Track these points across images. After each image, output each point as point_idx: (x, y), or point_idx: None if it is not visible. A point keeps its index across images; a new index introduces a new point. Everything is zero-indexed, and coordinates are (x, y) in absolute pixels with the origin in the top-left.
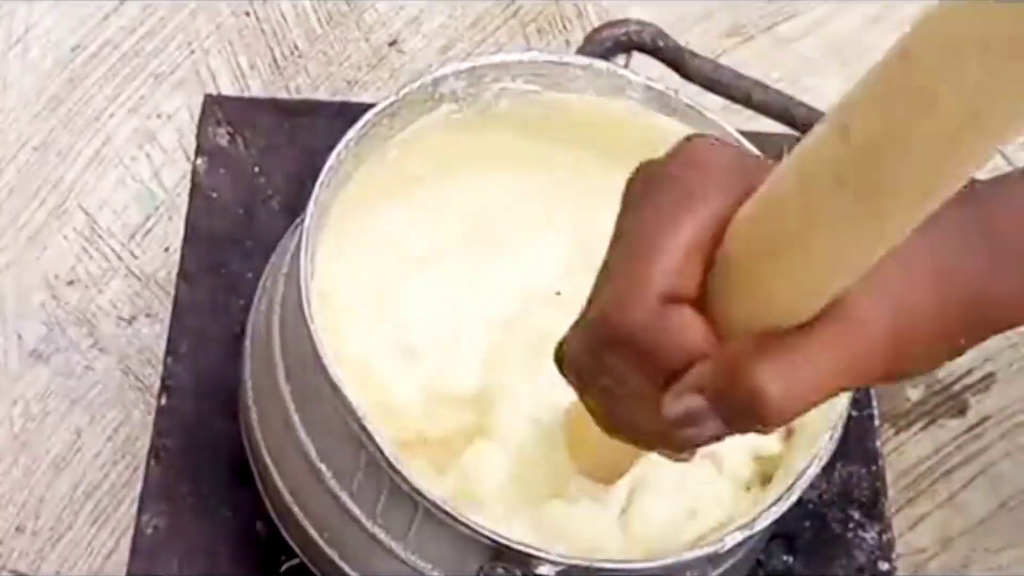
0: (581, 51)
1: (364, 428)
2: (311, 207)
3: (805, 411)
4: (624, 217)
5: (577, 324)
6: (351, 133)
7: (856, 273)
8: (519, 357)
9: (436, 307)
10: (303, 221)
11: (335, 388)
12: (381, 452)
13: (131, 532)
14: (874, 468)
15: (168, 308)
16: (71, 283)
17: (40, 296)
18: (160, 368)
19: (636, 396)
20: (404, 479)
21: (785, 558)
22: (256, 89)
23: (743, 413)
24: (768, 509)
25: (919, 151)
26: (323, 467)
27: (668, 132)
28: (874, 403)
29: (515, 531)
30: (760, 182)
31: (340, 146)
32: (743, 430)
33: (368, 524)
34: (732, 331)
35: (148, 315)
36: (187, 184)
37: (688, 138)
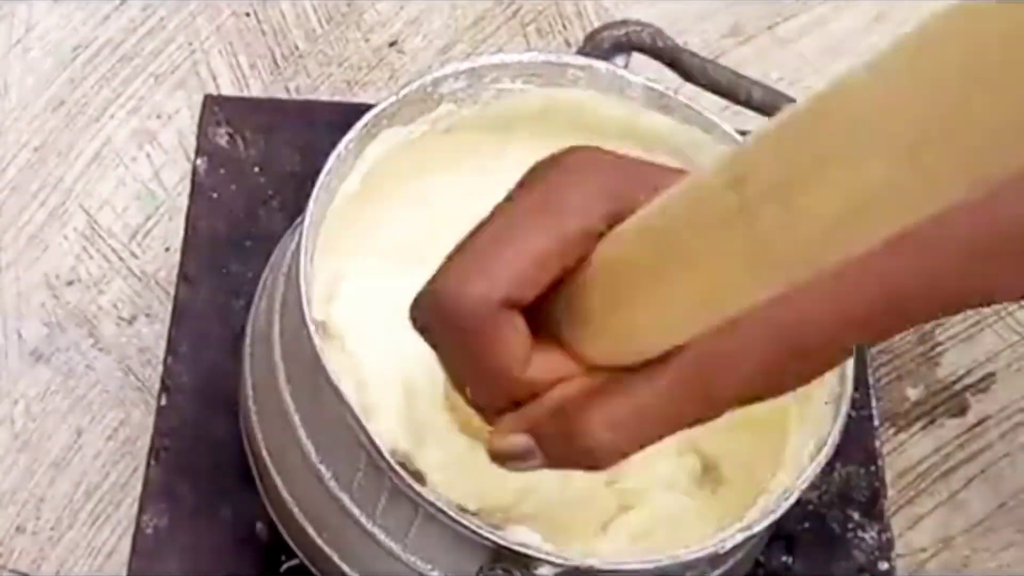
0: (581, 51)
1: (364, 429)
2: (310, 207)
3: (635, 452)
4: (502, 201)
5: (427, 285)
6: (351, 134)
7: (720, 316)
8: None
9: None
10: (303, 222)
11: (335, 389)
12: (381, 454)
13: (131, 532)
14: (873, 468)
15: (168, 308)
16: (71, 283)
17: (40, 296)
18: (160, 368)
19: (468, 380)
20: (403, 481)
21: (784, 559)
22: (256, 89)
23: (570, 459)
24: (768, 510)
25: (806, 221)
26: (323, 468)
27: (667, 132)
28: (873, 403)
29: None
30: (638, 202)
31: (340, 147)
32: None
33: (368, 525)
34: (584, 353)
35: (148, 315)
36: (187, 184)
37: (577, 148)
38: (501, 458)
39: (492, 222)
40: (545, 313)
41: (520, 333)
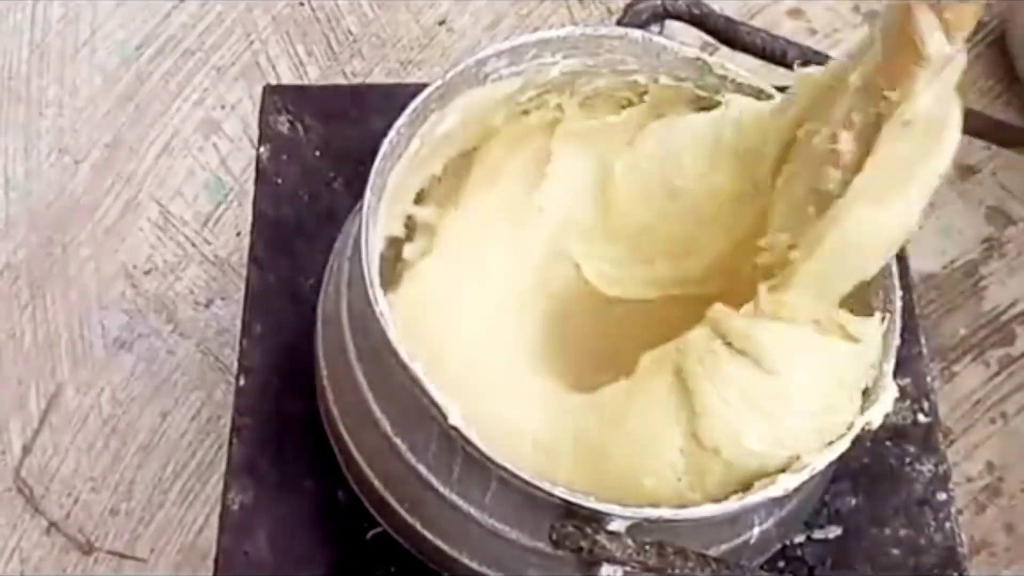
0: (620, 22)
1: (434, 403)
2: (368, 194)
3: None
4: None
5: None
6: (402, 119)
7: None
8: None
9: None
10: (361, 208)
11: (404, 367)
12: (455, 429)
13: (219, 508)
14: (926, 403)
15: (242, 290)
16: (148, 272)
17: (120, 286)
18: (238, 349)
19: None
20: (476, 449)
21: (847, 497)
22: (314, 75)
23: None
24: (822, 452)
25: None
26: (399, 441)
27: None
28: (922, 339)
29: None
30: None
31: (392, 133)
32: None
33: (446, 492)
34: None
35: (224, 298)
36: (254, 171)
37: None
38: None
39: None
40: None
41: None
